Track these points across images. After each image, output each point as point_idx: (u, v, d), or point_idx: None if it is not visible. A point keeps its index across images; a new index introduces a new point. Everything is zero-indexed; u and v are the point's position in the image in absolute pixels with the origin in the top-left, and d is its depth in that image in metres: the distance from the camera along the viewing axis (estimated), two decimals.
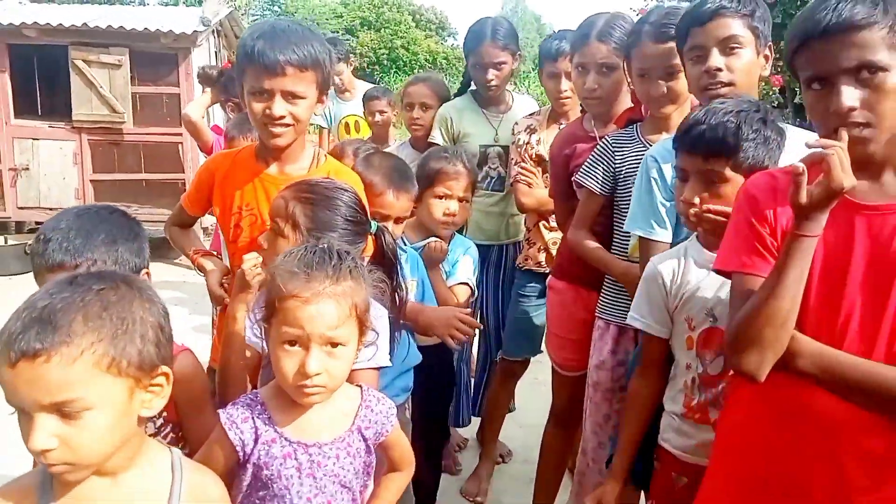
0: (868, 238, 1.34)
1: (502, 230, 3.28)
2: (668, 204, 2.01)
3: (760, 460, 1.47)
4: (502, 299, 3.29)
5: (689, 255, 1.81)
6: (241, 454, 1.43)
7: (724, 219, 1.59)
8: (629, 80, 2.27)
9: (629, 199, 2.17)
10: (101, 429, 1.08)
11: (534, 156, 2.97)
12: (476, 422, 3.50)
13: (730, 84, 1.86)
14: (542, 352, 3.19)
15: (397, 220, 2.30)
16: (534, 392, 3.89)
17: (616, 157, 2.27)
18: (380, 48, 25.85)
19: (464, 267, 2.58)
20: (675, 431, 1.83)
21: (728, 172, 1.65)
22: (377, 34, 26.32)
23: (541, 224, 3.01)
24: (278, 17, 25.44)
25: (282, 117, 1.91)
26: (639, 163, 2.16)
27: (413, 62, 26.25)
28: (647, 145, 2.19)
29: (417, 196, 2.47)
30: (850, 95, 1.26)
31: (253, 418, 1.45)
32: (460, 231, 2.77)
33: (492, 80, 3.16)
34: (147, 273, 1.69)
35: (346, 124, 4.65)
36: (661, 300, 1.82)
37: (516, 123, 3.10)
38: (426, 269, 2.49)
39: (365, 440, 1.53)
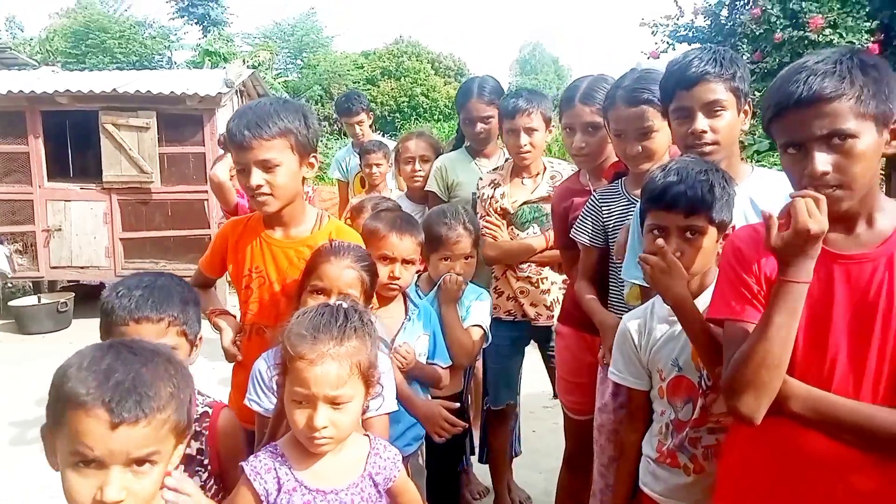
0: (847, 285, 1.42)
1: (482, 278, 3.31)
2: None
3: (758, 500, 1.53)
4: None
5: (655, 311, 1.93)
6: (265, 503, 1.53)
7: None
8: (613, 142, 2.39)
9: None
10: (158, 482, 1.27)
11: (498, 209, 3.07)
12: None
13: (714, 143, 1.97)
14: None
15: (405, 262, 2.43)
16: (554, 437, 3.92)
17: (604, 212, 2.39)
18: (400, 96, 26.31)
19: (478, 311, 2.68)
20: (651, 475, 1.94)
21: (708, 226, 1.78)
22: (397, 83, 26.81)
23: (507, 273, 3.10)
24: (301, 70, 26.08)
25: (259, 186, 2.05)
26: (624, 216, 2.28)
27: (433, 108, 26.67)
28: (632, 199, 2.29)
29: (425, 257, 2.62)
30: (822, 161, 1.37)
31: (275, 468, 1.56)
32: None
33: (480, 132, 3.39)
34: (201, 338, 1.89)
35: (361, 178, 4.78)
36: (632, 355, 1.96)
37: (480, 178, 3.23)
38: (440, 307, 2.59)
39: (376, 485, 1.63)
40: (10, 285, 8.25)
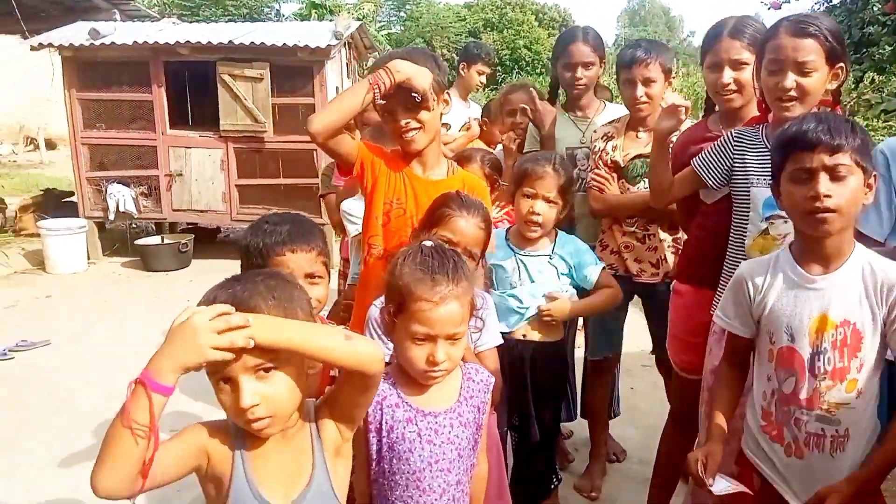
0: None
1: (590, 232, 3.27)
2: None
3: None
4: None
5: (780, 270, 1.83)
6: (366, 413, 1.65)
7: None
8: (756, 84, 2.27)
9: (742, 198, 2.23)
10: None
11: (609, 162, 3.02)
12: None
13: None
14: (653, 353, 3.27)
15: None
16: (653, 395, 3.94)
17: (735, 153, 2.28)
18: (502, 49, 25.99)
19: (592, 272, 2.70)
20: (752, 440, 1.90)
21: (854, 166, 1.70)
22: (500, 35, 26.49)
23: (613, 227, 3.07)
24: (404, 21, 26.12)
25: (408, 123, 2.19)
26: (756, 162, 2.20)
27: (536, 61, 26.23)
28: (769, 146, 2.14)
29: (510, 197, 2.69)
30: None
31: (381, 385, 1.66)
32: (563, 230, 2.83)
33: (581, 78, 3.24)
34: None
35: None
36: (746, 306, 1.88)
37: (595, 130, 3.17)
38: None
39: (473, 409, 1.75)
40: (135, 225, 8.86)
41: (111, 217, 7.93)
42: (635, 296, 3.18)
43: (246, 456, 1.39)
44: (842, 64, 2.12)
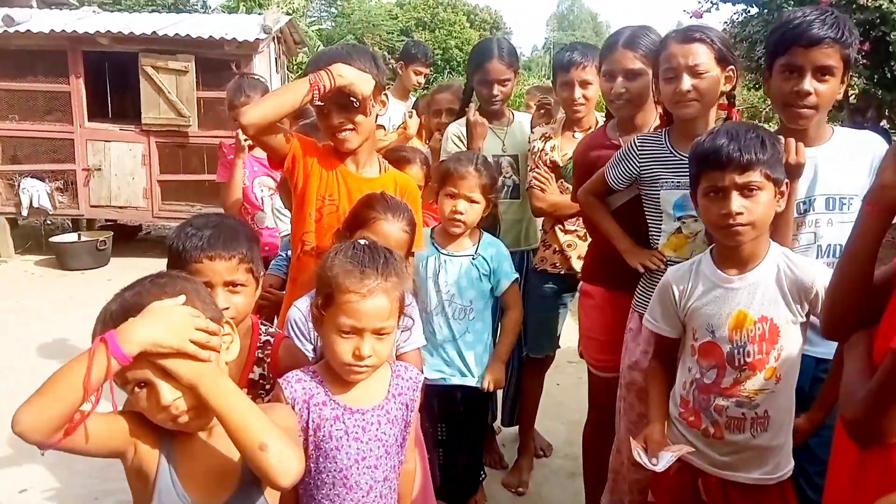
0: None
1: (522, 236, 3.38)
2: None
3: None
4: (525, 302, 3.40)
5: (700, 274, 1.96)
6: (295, 410, 1.65)
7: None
8: (655, 92, 2.36)
9: (653, 200, 2.31)
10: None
11: (548, 162, 3.09)
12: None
13: (814, 107, 2.00)
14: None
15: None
16: (578, 391, 4.01)
17: (640, 159, 2.35)
18: (434, 48, 26.08)
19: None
20: (672, 432, 2.01)
21: (765, 181, 1.82)
22: (431, 34, 26.58)
23: (556, 227, 3.14)
24: (335, 17, 25.88)
25: (342, 123, 2.17)
26: (662, 167, 2.28)
27: (466, 62, 26.42)
28: (674, 152, 2.27)
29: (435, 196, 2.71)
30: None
31: (305, 381, 1.69)
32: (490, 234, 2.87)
33: (497, 95, 3.28)
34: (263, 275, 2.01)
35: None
36: (672, 309, 2.01)
37: (532, 131, 3.24)
38: None
39: (402, 406, 1.75)
40: (49, 222, 8.49)
41: (24, 213, 7.58)
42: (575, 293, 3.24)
43: (172, 453, 1.37)
44: (732, 67, 2.24)
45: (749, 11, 8.37)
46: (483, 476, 2.98)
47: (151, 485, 1.35)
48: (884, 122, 8.50)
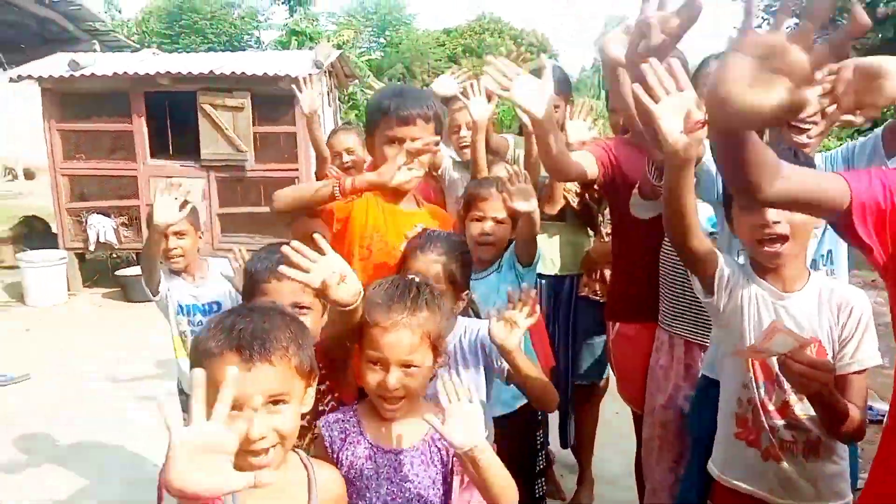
0: None
1: (570, 260, 3.29)
2: None
3: None
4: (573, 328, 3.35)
5: (751, 280, 1.89)
6: (329, 450, 1.70)
7: None
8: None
9: None
10: (294, 419, 1.38)
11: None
12: None
13: None
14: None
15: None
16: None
17: None
18: (482, 73, 26.23)
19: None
20: (722, 454, 1.94)
21: None
22: (479, 60, 26.74)
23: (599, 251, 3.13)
24: (384, 48, 26.33)
25: (405, 162, 2.22)
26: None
27: None
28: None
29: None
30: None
31: (344, 421, 1.74)
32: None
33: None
34: None
35: None
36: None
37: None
38: None
39: (439, 450, 1.72)
40: (115, 256, 8.79)
41: (91, 248, 7.88)
42: None
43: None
44: None
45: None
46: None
47: None
48: None
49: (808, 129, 2.03)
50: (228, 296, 2.80)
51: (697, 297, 1.98)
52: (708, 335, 2.23)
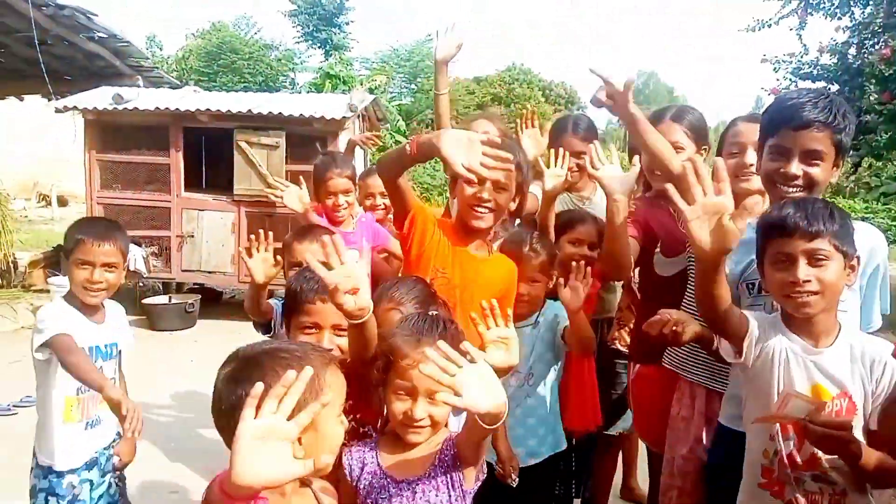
0: None
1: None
2: None
3: None
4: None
5: (780, 332, 1.89)
6: (349, 478, 1.79)
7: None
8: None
9: None
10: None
11: None
12: None
13: (803, 189, 2.00)
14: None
15: None
16: None
17: None
18: (510, 123, 26.55)
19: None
20: (749, 496, 1.94)
21: (833, 251, 1.80)
22: (507, 109, 27.12)
23: (632, 306, 3.14)
24: (414, 93, 26.77)
25: (487, 200, 2.30)
26: None
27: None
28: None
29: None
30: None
31: (364, 452, 1.83)
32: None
33: (574, 169, 3.20)
34: None
35: None
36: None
37: None
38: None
39: (446, 473, 1.76)
40: (142, 284, 8.95)
41: None
42: None
43: None
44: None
45: (829, 88, 8.32)
46: None
47: None
48: None
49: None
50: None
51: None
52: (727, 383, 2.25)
